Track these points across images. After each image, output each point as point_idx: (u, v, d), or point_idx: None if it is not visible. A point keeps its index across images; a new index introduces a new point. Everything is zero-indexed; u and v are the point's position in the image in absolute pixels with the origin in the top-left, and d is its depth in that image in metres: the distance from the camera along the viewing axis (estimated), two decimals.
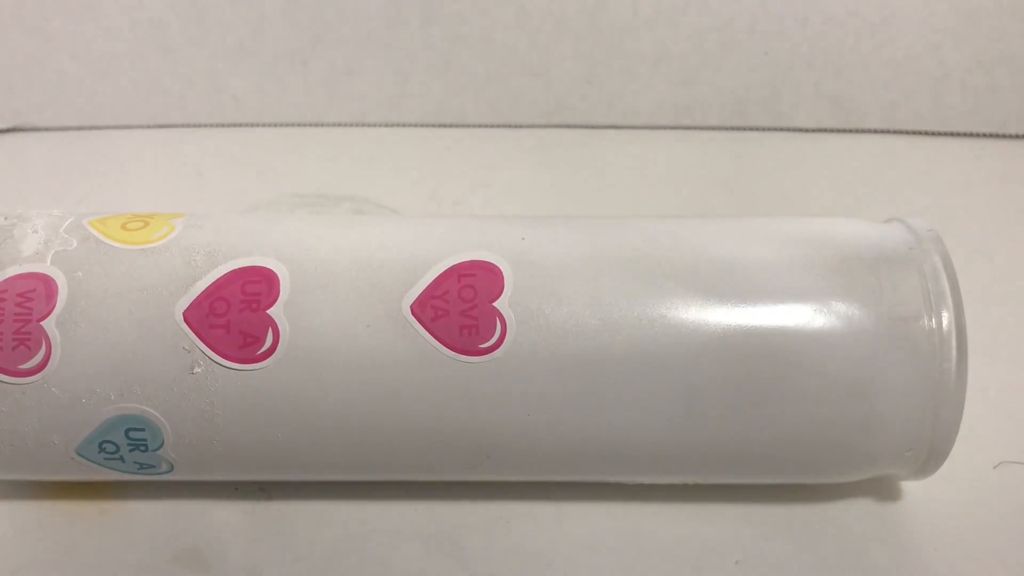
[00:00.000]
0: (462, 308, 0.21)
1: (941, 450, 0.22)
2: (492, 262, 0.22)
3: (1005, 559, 0.23)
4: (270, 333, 0.21)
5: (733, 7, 0.44)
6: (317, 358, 0.21)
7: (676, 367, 0.21)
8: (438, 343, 0.21)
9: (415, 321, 0.21)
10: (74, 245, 0.22)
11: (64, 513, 0.24)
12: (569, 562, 0.23)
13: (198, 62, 0.46)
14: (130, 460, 0.22)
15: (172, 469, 0.23)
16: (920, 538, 0.24)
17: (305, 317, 0.21)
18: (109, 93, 0.47)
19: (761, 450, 0.22)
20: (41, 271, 0.22)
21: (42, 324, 0.21)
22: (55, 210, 0.24)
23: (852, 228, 0.24)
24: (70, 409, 0.21)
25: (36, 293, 0.21)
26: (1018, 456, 0.26)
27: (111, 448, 0.22)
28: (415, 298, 0.22)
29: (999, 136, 0.46)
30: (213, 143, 0.46)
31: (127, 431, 0.22)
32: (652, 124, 0.47)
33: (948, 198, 0.41)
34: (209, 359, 0.21)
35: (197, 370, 0.21)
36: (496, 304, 0.21)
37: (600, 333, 0.21)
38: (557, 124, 0.47)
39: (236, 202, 0.40)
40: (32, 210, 0.24)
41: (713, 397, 0.22)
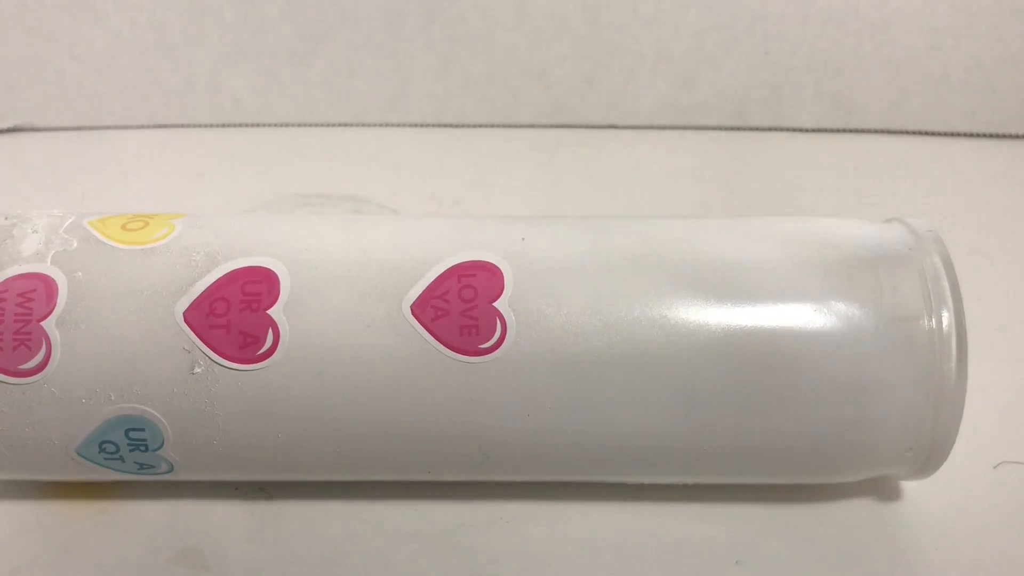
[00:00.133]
0: (462, 308, 0.21)
1: (941, 450, 0.22)
2: (492, 262, 0.22)
3: (1005, 559, 0.23)
4: (270, 333, 0.21)
5: (733, 7, 0.44)
6: (317, 358, 0.21)
7: (676, 367, 0.21)
8: (438, 343, 0.21)
9: (415, 321, 0.21)
10: (74, 245, 0.22)
11: (64, 513, 0.24)
12: (569, 562, 0.23)
13: (198, 62, 0.46)
14: (130, 460, 0.22)
15: (172, 469, 0.23)
16: (920, 538, 0.24)
17: (305, 317, 0.21)
18: (109, 93, 0.47)
19: (761, 450, 0.22)
20: (41, 271, 0.22)
21: (42, 324, 0.21)
22: (55, 210, 0.24)
23: (852, 228, 0.24)
24: (70, 409, 0.21)
25: (36, 293, 0.21)
26: (1018, 456, 0.26)
27: (111, 448, 0.22)
28: (415, 298, 0.22)
29: (999, 136, 0.46)
30: (213, 143, 0.46)
31: (127, 431, 0.22)
32: (652, 124, 0.47)
33: (948, 198, 0.41)
34: (209, 359, 0.21)
35: (197, 370, 0.21)
36: (496, 304, 0.21)
37: (600, 333, 0.21)
38: (557, 124, 0.47)
39: (236, 202, 0.40)
40: (32, 210, 0.24)
41: (713, 397, 0.22)
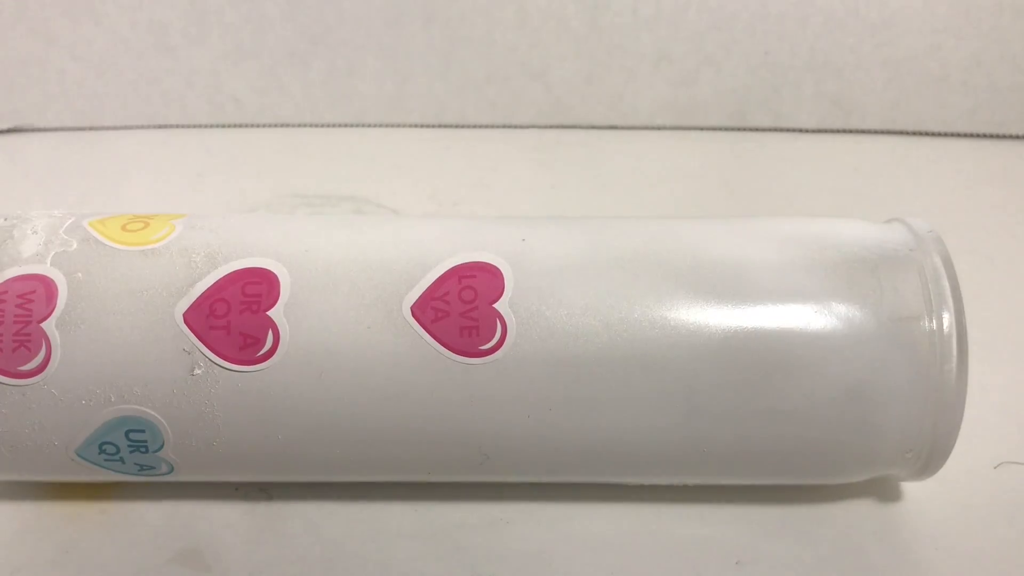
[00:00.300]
0: (462, 309, 0.21)
1: (941, 451, 0.22)
2: (492, 263, 0.22)
3: (1005, 559, 0.23)
4: (270, 334, 0.21)
5: (733, 7, 0.44)
6: (317, 360, 0.21)
7: (676, 368, 0.21)
8: (438, 344, 0.21)
9: (415, 322, 0.21)
10: (74, 246, 0.22)
11: (64, 513, 0.24)
12: (569, 562, 0.23)
13: (198, 62, 0.46)
14: (130, 461, 0.22)
15: (172, 470, 0.23)
16: (920, 538, 0.24)
17: (305, 318, 0.21)
18: (109, 93, 0.47)
19: (761, 451, 0.22)
20: (41, 272, 0.22)
21: (42, 325, 0.21)
22: (55, 211, 0.24)
23: (852, 228, 0.24)
24: (70, 410, 0.21)
25: (36, 294, 0.21)
26: (1018, 456, 0.26)
27: (111, 449, 0.22)
28: (415, 299, 0.22)
29: (999, 136, 0.46)
30: (213, 143, 0.46)
31: (127, 432, 0.22)
32: (652, 124, 0.47)
33: (948, 198, 0.41)
34: (209, 360, 0.21)
35: (197, 371, 0.21)
36: (496, 305, 0.21)
37: (600, 334, 0.21)
38: (557, 124, 0.47)
39: (236, 202, 0.40)
40: (32, 211, 0.24)
41: (713, 398, 0.22)
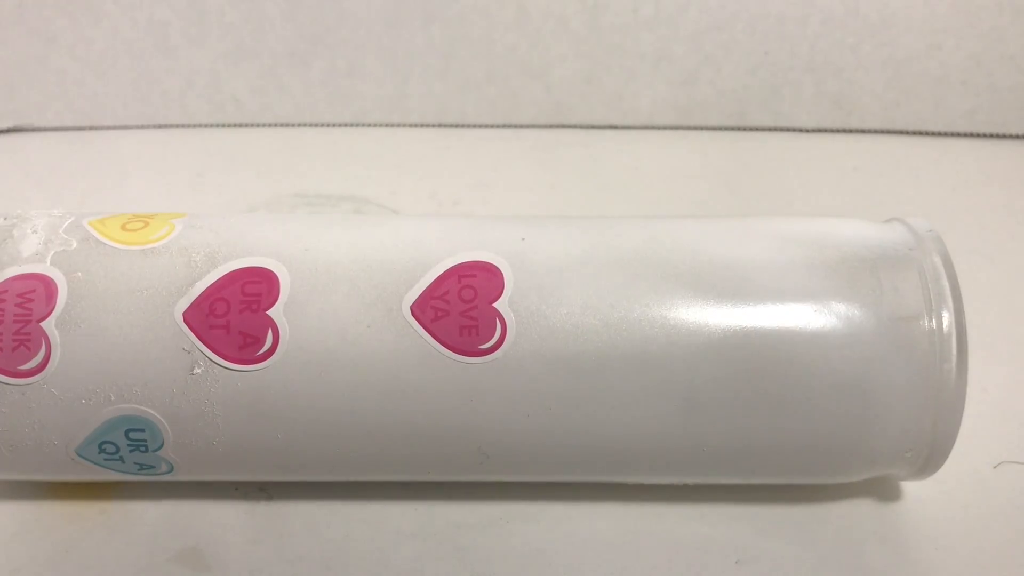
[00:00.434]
0: (462, 309, 0.21)
1: (941, 450, 0.22)
2: (492, 262, 0.22)
3: (1005, 559, 0.23)
4: (270, 334, 0.21)
5: (733, 7, 0.44)
6: (317, 359, 0.21)
7: (676, 368, 0.21)
8: (438, 344, 0.21)
9: (415, 322, 0.21)
10: (74, 246, 0.22)
11: (64, 513, 0.24)
12: (569, 562, 0.23)
13: (198, 62, 0.46)
14: (130, 461, 0.22)
15: (172, 470, 0.23)
16: (920, 538, 0.24)
17: (305, 318, 0.21)
18: (109, 93, 0.47)
19: (761, 450, 0.22)
20: (41, 272, 0.22)
21: (42, 325, 0.21)
22: (55, 210, 0.24)
23: (852, 228, 0.24)
24: (70, 410, 0.21)
25: (36, 294, 0.21)
26: (1018, 456, 0.26)
27: (111, 449, 0.22)
28: (415, 299, 0.22)
29: (999, 136, 0.46)
30: (213, 143, 0.46)
31: (127, 432, 0.22)
32: (652, 124, 0.47)
33: (948, 198, 0.41)
34: (209, 360, 0.21)
35: (197, 371, 0.21)
36: (496, 305, 0.21)
37: (600, 334, 0.21)
38: (557, 124, 0.47)
39: (236, 202, 0.40)
40: (32, 210, 0.24)
41: (713, 398, 0.22)
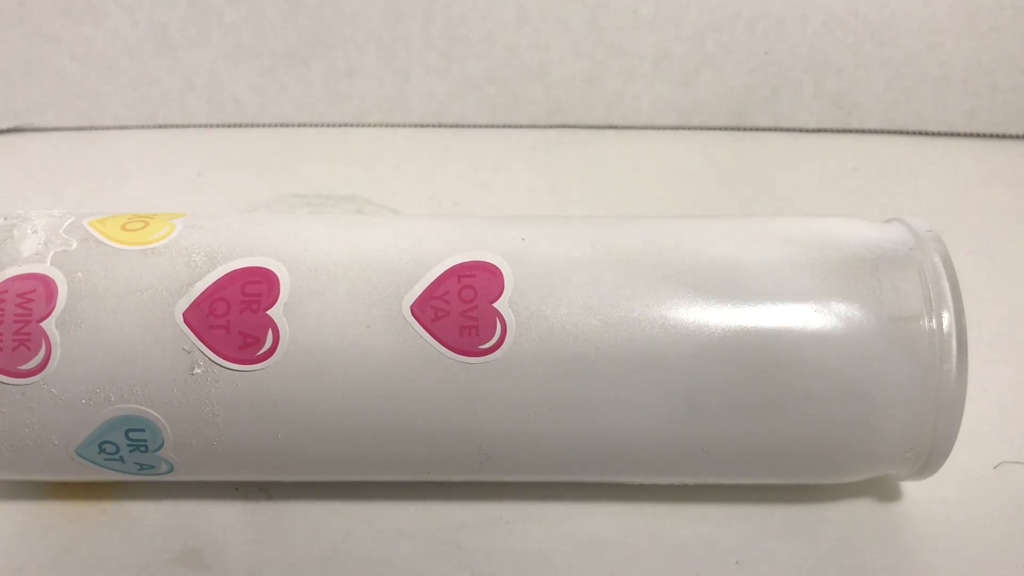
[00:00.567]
0: (462, 309, 0.21)
1: (941, 450, 0.22)
2: (492, 262, 0.22)
3: (1005, 559, 0.23)
4: (270, 334, 0.21)
5: (733, 7, 0.44)
6: (317, 359, 0.21)
7: (676, 368, 0.21)
8: (438, 344, 0.21)
9: (415, 322, 0.21)
10: (74, 246, 0.22)
11: (64, 513, 0.24)
12: (569, 562, 0.23)
13: (198, 62, 0.46)
14: (130, 461, 0.22)
15: (172, 470, 0.23)
16: (920, 538, 0.24)
17: (305, 318, 0.21)
18: (109, 93, 0.47)
19: (761, 450, 0.22)
20: (41, 272, 0.22)
21: (42, 325, 0.21)
22: (55, 210, 0.24)
23: (852, 228, 0.24)
24: (70, 410, 0.21)
25: (36, 294, 0.21)
26: (1018, 456, 0.26)
27: (111, 449, 0.22)
28: (415, 299, 0.22)
29: (999, 136, 0.46)
30: (213, 143, 0.46)
31: (127, 432, 0.22)
32: (652, 124, 0.47)
33: (948, 198, 0.41)
34: (209, 360, 0.21)
35: (197, 371, 0.21)
36: (496, 305, 0.21)
37: (600, 333, 0.21)
38: (557, 124, 0.47)
39: (236, 202, 0.40)
40: (32, 210, 0.24)
41: (713, 397, 0.22)
